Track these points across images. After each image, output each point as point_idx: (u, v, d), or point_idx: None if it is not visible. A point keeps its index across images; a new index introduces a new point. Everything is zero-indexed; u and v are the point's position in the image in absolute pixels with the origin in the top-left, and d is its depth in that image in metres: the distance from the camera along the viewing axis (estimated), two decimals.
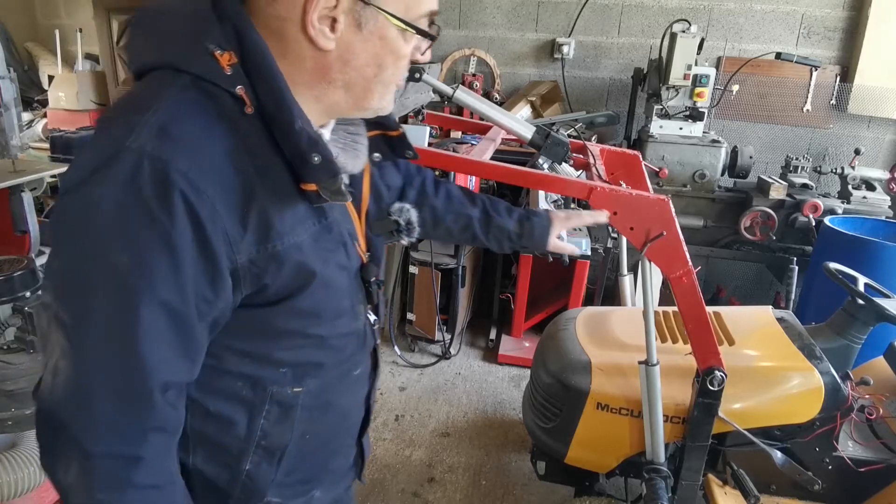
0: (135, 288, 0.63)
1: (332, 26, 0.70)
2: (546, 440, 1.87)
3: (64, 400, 0.66)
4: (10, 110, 2.87)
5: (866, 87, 3.62)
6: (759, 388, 1.73)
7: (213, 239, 0.65)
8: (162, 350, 0.66)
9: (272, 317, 0.76)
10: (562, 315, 2.17)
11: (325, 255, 0.77)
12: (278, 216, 0.71)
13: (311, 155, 0.70)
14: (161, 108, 0.65)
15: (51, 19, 5.56)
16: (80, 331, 0.64)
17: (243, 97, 0.69)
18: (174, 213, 0.62)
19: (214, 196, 0.64)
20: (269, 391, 0.80)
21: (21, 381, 1.34)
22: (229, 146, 0.67)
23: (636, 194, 1.36)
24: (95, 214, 0.62)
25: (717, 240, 3.44)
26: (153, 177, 0.61)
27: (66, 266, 0.65)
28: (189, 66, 0.68)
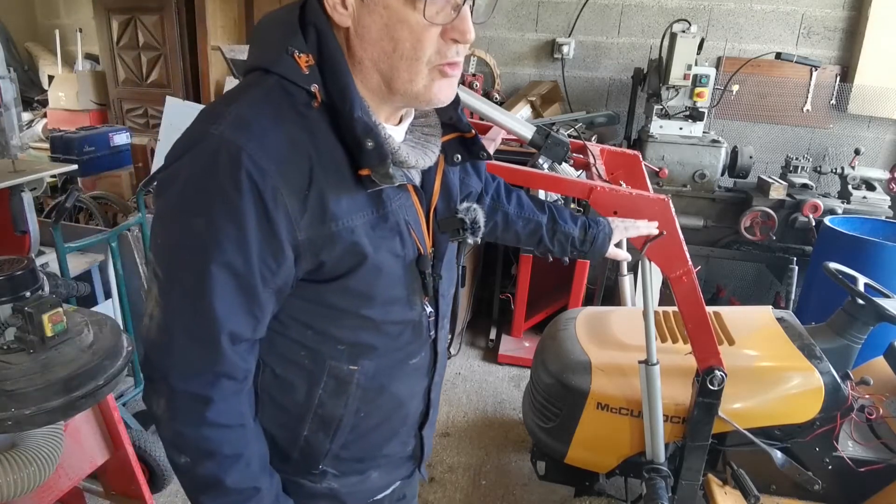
0: (207, 248, 0.73)
1: (343, 3, 0.75)
2: (546, 440, 1.87)
3: (155, 341, 0.78)
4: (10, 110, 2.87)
5: (866, 87, 3.62)
6: (759, 388, 1.73)
7: (274, 214, 0.73)
8: (227, 304, 0.75)
9: (327, 293, 0.83)
10: (562, 315, 2.17)
11: (379, 242, 0.83)
12: (335, 200, 0.77)
13: (366, 140, 0.76)
14: (243, 102, 0.76)
15: (51, 19, 5.56)
16: (167, 283, 0.76)
17: (316, 94, 0.77)
18: (241, 189, 0.71)
19: (277, 177, 0.73)
20: (328, 364, 0.88)
21: (21, 381, 1.33)
22: (295, 135, 0.75)
23: (636, 194, 1.36)
24: (182, 186, 0.73)
25: (717, 240, 3.44)
26: (227, 158, 0.71)
27: (161, 227, 0.76)
28: (275, 67, 0.77)
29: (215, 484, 0.81)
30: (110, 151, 4.44)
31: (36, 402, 1.33)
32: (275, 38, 0.79)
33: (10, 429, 1.34)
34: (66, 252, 2.11)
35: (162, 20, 4.59)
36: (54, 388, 1.35)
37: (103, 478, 1.92)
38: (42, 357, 1.40)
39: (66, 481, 1.65)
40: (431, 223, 0.93)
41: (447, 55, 0.78)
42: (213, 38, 4.42)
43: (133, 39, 4.76)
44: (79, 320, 1.54)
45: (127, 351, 1.57)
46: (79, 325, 1.52)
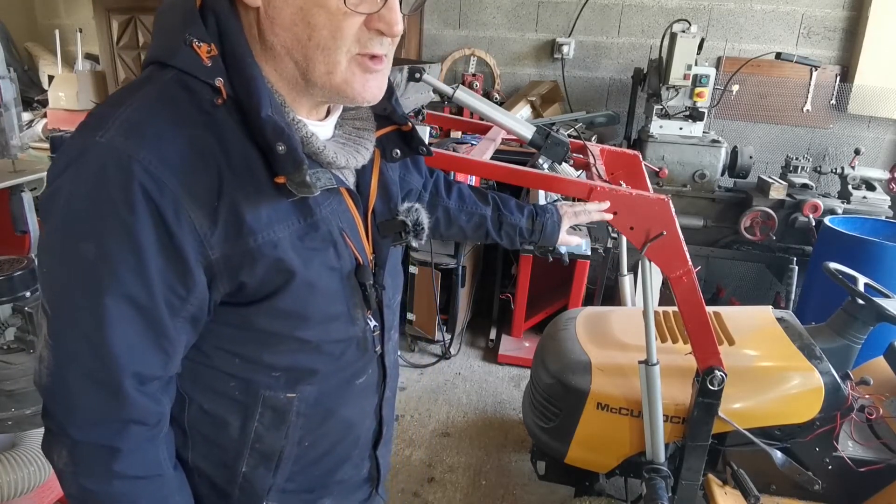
0: (100, 279, 0.63)
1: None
2: (546, 440, 1.87)
3: (49, 387, 0.68)
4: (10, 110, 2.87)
5: (866, 87, 3.62)
6: (759, 388, 1.73)
7: (177, 233, 0.64)
8: (129, 342, 0.66)
9: (254, 316, 0.74)
10: (562, 315, 2.17)
11: (310, 255, 0.74)
12: (252, 211, 0.68)
13: (276, 144, 0.67)
14: (134, 103, 0.65)
15: (51, 19, 5.56)
16: (57, 320, 0.66)
17: (222, 89, 0.67)
18: (135, 206, 0.62)
19: (178, 190, 0.63)
20: (261, 395, 0.79)
21: (21, 380, 1.34)
22: (199, 139, 0.66)
23: (636, 194, 1.36)
24: (65, 206, 0.63)
25: (717, 240, 3.44)
26: (116, 170, 0.61)
27: (44, 257, 0.67)
28: (172, 59, 0.68)
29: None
30: None
31: (36, 402, 1.33)
32: (172, 27, 0.69)
33: (10, 429, 1.34)
34: None
35: None
36: None
37: None
38: None
39: None
40: (370, 228, 0.84)
41: (369, 46, 0.69)
42: None
43: (133, 39, 4.76)
44: None
45: None
46: None
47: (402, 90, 1.42)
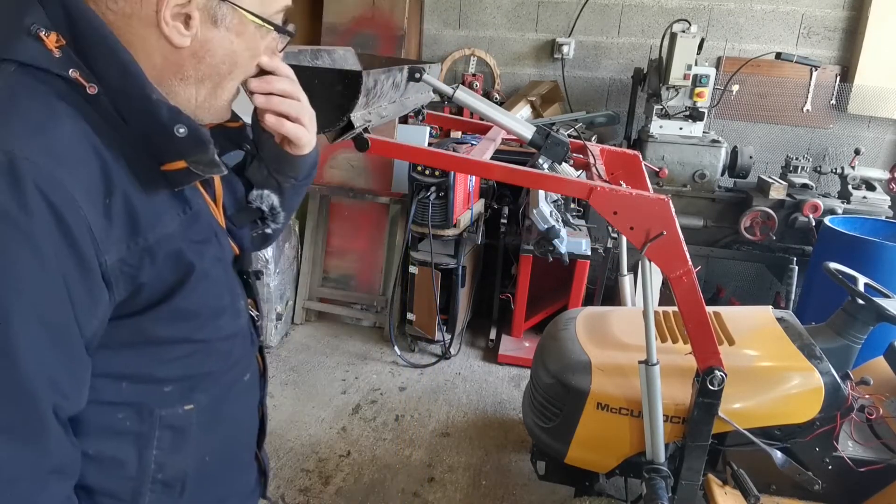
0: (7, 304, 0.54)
1: (185, 23, 0.65)
2: (546, 440, 1.87)
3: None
4: None
5: (866, 87, 3.62)
6: (759, 388, 1.73)
7: (79, 234, 0.57)
8: (45, 367, 0.56)
9: (151, 324, 0.67)
10: (562, 315, 2.16)
11: (198, 247, 0.71)
12: (145, 204, 0.63)
13: (175, 126, 0.63)
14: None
15: None
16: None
17: (79, 80, 0.61)
18: (29, 207, 0.53)
19: (71, 184, 0.56)
20: (157, 415, 0.71)
21: None
22: (77, 130, 0.60)
23: (636, 194, 1.36)
24: None
25: (717, 240, 3.44)
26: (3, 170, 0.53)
27: None
28: (11, 52, 0.60)
29: None
30: None
31: None
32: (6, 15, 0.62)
33: None
34: None
35: None
36: None
37: None
38: None
39: None
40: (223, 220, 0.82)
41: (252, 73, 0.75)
42: None
43: None
44: None
45: None
46: None
47: (402, 90, 1.42)
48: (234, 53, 0.70)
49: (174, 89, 0.69)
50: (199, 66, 0.68)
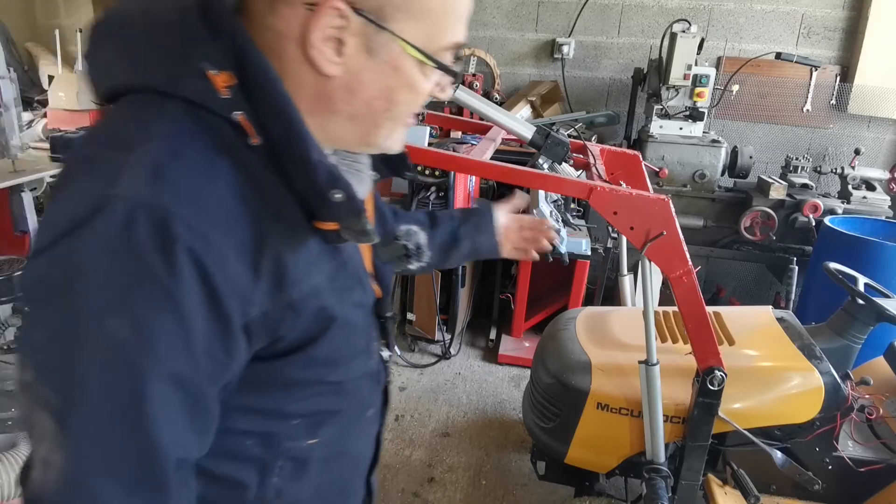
0: (136, 360, 0.53)
1: (337, 49, 0.60)
2: (546, 440, 1.87)
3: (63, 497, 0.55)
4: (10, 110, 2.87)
5: (866, 87, 3.62)
6: (759, 388, 1.73)
7: (224, 295, 0.56)
8: (173, 426, 0.56)
9: (285, 367, 0.67)
10: (562, 315, 2.16)
11: (342, 295, 0.69)
12: (293, 260, 0.61)
13: (332, 192, 0.60)
14: (152, 145, 0.55)
15: (51, 19, 5.56)
16: (74, 414, 0.53)
17: (244, 125, 0.58)
18: (179, 271, 0.52)
19: (224, 245, 0.55)
20: (283, 447, 0.72)
21: None
22: (236, 186, 0.57)
23: (636, 194, 1.36)
24: (82, 277, 0.52)
25: (717, 240, 3.45)
26: (151, 229, 0.52)
27: (49, 339, 0.55)
28: (178, 88, 0.57)
29: None
30: None
31: None
32: (167, 45, 0.58)
33: (10, 429, 1.34)
34: None
35: None
36: None
37: None
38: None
39: None
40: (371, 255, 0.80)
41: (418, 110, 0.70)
42: None
43: None
44: None
45: None
46: None
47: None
48: (390, 90, 0.63)
49: (327, 124, 0.64)
50: (352, 101, 0.63)
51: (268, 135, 0.59)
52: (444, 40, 0.64)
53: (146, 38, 0.59)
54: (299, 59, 0.60)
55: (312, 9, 0.58)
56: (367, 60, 0.61)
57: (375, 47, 0.60)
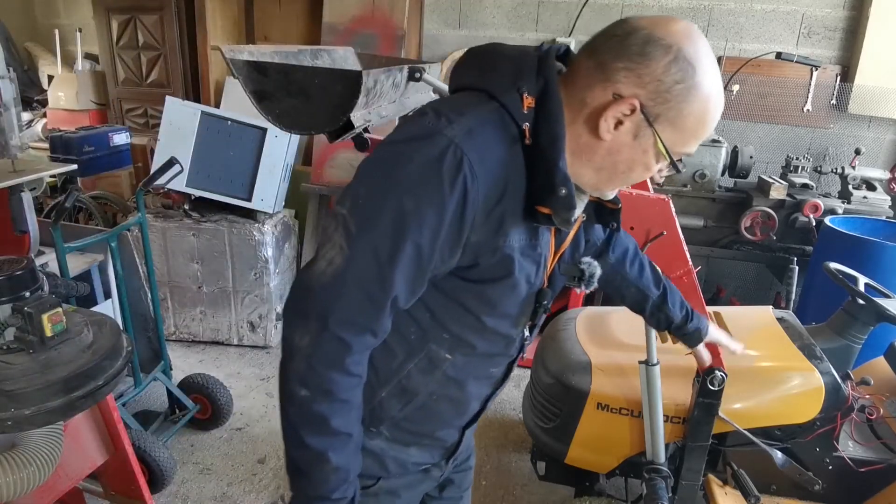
0: (408, 227, 0.83)
1: (616, 126, 0.87)
2: (546, 440, 1.87)
3: (329, 283, 0.85)
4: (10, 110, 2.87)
5: (867, 86, 3.62)
6: (760, 388, 1.73)
7: (467, 215, 0.84)
8: (404, 275, 0.85)
9: (464, 291, 0.94)
10: (562, 315, 2.16)
11: (523, 265, 0.94)
12: (510, 221, 0.89)
13: (560, 188, 0.87)
14: (473, 115, 0.87)
15: (50, 19, 5.55)
16: (360, 241, 0.84)
17: (525, 131, 0.88)
18: (455, 188, 0.82)
19: (482, 187, 0.84)
20: (428, 346, 0.98)
21: (21, 381, 1.33)
22: (505, 159, 0.87)
23: (636, 194, 1.36)
24: (405, 167, 0.83)
25: (718, 240, 3.44)
26: (453, 159, 0.82)
27: (368, 192, 0.85)
28: (501, 96, 0.88)
29: (322, 421, 0.89)
30: (110, 151, 4.44)
31: (36, 403, 1.33)
32: (508, 71, 0.90)
33: (10, 429, 1.34)
34: (65, 252, 2.11)
35: (162, 20, 4.58)
36: (54, 389, 1.35)
37: (103, 478, 1.92)
38: (42, 357, 1.40)
39: (66, 481, 1.64)
40: (554, 264, 1.04)
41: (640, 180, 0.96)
42: (213, 38, 4.41)
43: (133, 39, 4.75)
44: (78, 320, 1.54)
45: (126, 351, 1.56)
46: (78, 325, 1.52)
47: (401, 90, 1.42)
48: (633, 161, 0.90)
49: (581, 167, 0.92)
50: (606, 159, 0.90)
51: (537, 141, 0.88)
52: (682, 149, 0.90)
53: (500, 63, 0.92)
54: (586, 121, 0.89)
55: (617, 98, 0.86)
56: (630, 140, 0.88)
57: (640, 134, 0.87)
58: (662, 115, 0.86)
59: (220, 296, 3.34)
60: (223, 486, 2.39)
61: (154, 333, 2.64)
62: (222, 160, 3.16)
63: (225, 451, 2.60)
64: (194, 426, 2.68)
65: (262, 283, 3.30)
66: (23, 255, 1.84)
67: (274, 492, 2.37)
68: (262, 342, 3.42)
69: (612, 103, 0.85)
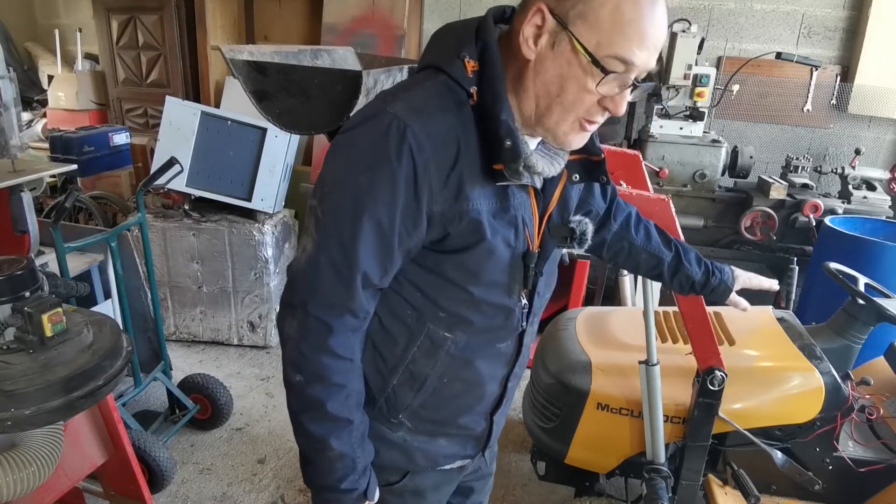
0: (364, 202, 0.86)
1: (535, 42, 0.87)
2: (546, 440, 1.87)
3: (304, 270, 0.90)
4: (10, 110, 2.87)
5: (866, 86, 3.62)
6: (760, 388, 1.73)
7: (420, 184, 0.85)
8: (368, 251, 0.88)
9: (444, 263, 0.95)
10: (562, 315, 2.16)
11: (496, 229, 0.94)
12: (469, 184, 0.89)
13: (505, 139, 0.87)
14: (416, 91, 0.90)
15: (50, 19, 5.56)
16: (326, 224, 0.88)
17: (473, 94, 0.89)
18: (401, 158, 0.84)
19: (430, 155, 0.85)
20: (427, 326, 0.99)
21: (21, 381, 1.33)
22: (451, 124, 0.88)
23: (637, 194, 1.36)
24: (356, 148, 0.87)
25: (718, 240, 3.44)
26: (396, 132, 0.84)
27: (331, 179, 0.89)
28: (446, 67, 0.90)
29: (318, 405, 0.92)
30: (110, 151, 4.44)
31: (36, 403, 1.32)
32: (451, 44, 0.92)
33: (10, 429, 1.33)
34: (65, 252, 2.11)
35: (162, 20, 4.59)
36: (54, 389, 1.35)
37: (103, 478, 1.92)
38: (42, 357, 1.40)
39: (66, 481, 1.64)
40: (543, 227, 1.02)
41: (592, 115, 0.90)
42: (213, 38, 4.42)
43: (133, 39, 4.76)
44: (78, 320, 1.54)
45: (126, 351, 1.56)
46: (78, 325, 1.51)
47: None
48: (561, 77, 0.86)
49: (522, 101, 0.92)
50: (536, 80, 0.89)
51: (482, 101, 0.89)
52: (609, 50, 0.83)
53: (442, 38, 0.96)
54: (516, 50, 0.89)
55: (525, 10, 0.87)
56: (549, 51, 0.86)
57: (557, 42, 0.85)
58: (571, 13, 0.83)
59: (220, 296, 3.33)
60: (223, 486, 2.39)
61: (154, 333, 2.64)
62: (222, 160, 3.16)
63: (225, 451, 2.60)
64: (194, 426, 2.68)
65: (262, 283, 3.30)
66: (23, 255, 1.84)
67: (274, 492, 2.37)
68: (262, 342, 3.42)
69: (524, 17, 0.86)
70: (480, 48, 0.90)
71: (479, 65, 0.90)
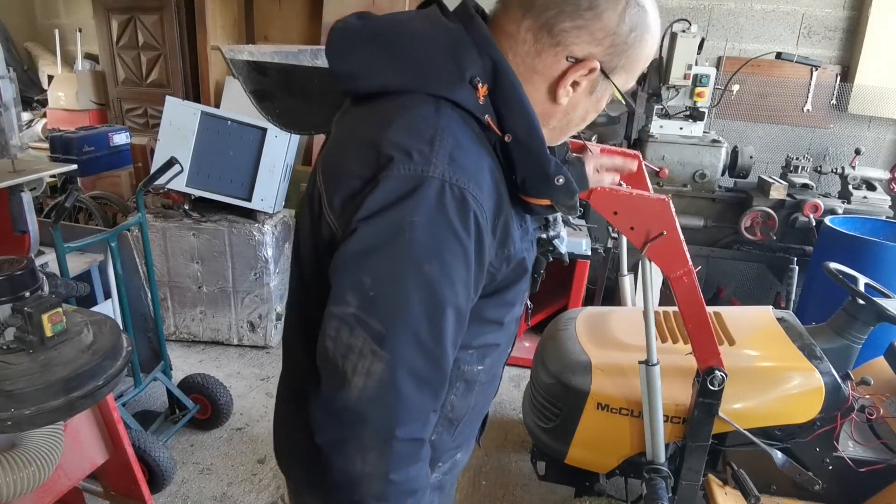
0: (442, 293, 0.73)
1: (573, 87, 0.81)
2: (546, 440, 1.87)
3: (377, 398, 0.73)
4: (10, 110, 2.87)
5: (867, 86, 3.62)
6: (760, 388, 1.73)
7: (487, 248, 0.77)
8: (452, 341, 0.77)
9: (487, 306, 0.86)
10: (562, 315, 2.16)
11: (529, 256, 0.89)
12: (512, 225, 0.82)
13: (557, 177, 0.80)
14: (443, 136, 0.74)
15: (50, 19, 5.55)
16: (395, 334, 0.72)
17: (490, 125, 0.78)
18: (470, 230, 0.73)
19: (487, 212, 0.76)
20: (461, 370, 0.90)
21: (20, 381, 1.33)
22: (491, 168, 0.78)
23: (636, 194, 1.36)
24: (411, 234, 0.71)
25: (718, 240, 3.44)
26: (454, 201, 0.72)
27: (377, 279, 0.72)
28: (451, 94, 0.76)
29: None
30: (110, 151, 4.45)
31: (36, 403, 1.33)
32: (445, 61, 0.77)
33: (10, 429, 1.34)
34: (65, 252, 2.11)
35: (162, 20, 4.59)
36: (54, 389, 1.35)
37: (103, 478, 1.92)
38: (42, 357, 1.40)
39: (66, 481, 1.64)
40: None
41: None
42: (213, 38, 4.42)
43: (133, 39, 4.76)
44: (78, 320, 1.54)
45: (126, 351, 1.56)
46: (78, 325, 1.52)
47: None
48: (588, 113, 0.86)
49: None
50: (563, 119, 0.86)
51: (515, 136, 0.79)
52: (631, 84, 0.85)
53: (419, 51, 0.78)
54: (541, 89, 0.82)
55: (572, 62, 0.79)
56: (586, 97, 0.83)
57: (597, 89, 0.83)
58: (619, 66, 0.81)
59: (220, 296, 3.34)
60: (223, 486, 2.39)
61: (154, 333, 2.64)
62: (222, 160, 3.16)
63: (225, 451, 2.60)
64: (194, 426, 2.68)
65: (262, 283, 3.30)
66: (23, 255, 1.84)
67: (274, 492, 2.37)
68: (262, 342, 3.42)
69: (570, 69, 0.79)
70: (491, 68, 0.77)
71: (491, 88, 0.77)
